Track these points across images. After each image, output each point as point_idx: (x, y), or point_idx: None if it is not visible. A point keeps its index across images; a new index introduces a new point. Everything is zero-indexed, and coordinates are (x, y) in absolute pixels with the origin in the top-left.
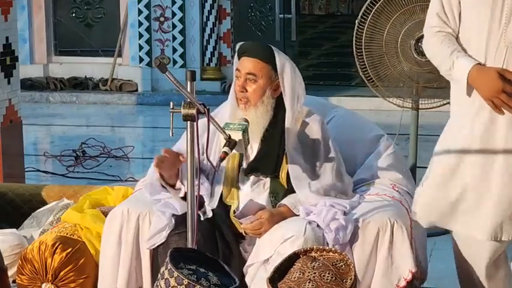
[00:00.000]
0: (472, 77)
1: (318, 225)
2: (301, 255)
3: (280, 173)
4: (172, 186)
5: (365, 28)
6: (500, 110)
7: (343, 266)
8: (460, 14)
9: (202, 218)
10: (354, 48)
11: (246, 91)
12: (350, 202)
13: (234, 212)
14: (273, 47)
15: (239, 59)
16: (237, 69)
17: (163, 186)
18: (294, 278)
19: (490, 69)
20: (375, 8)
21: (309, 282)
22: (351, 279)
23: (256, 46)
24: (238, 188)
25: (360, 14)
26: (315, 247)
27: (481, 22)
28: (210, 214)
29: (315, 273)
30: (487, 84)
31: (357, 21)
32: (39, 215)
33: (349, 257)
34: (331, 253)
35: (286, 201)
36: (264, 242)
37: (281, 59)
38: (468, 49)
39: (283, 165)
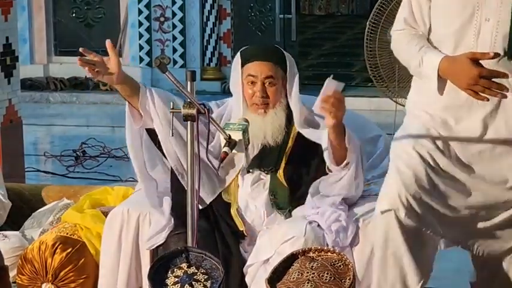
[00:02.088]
0: (443, 69)
1: (318, 225)
2: (299, 256)
3: (279, 170)
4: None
5: (379, 28)
6: (481, 96)
7: (342, 266)
8: (430, 22)
9: (200, 207)
10: (365, 47)
11: (267, 96)
12: (350, 201)
13: (237, 210)
14: (279, 48)
15: (244, 64)
16: (250, 75)
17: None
18: (293, 278)
19: (460, 58)
20: (390, 7)
21: (308, 283)
22: (349, 279)
23: (265, 49)
24: (237, 188)
25: (372, 13)
26: (313, 247)
27: (451, 32)
28: (207, 202)
29: (313, 273)
30: (462, 73)
31: (368, 21)
32: (39, 215)
33: (348, 257)
34: (329, 253)
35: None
36: (264, 243)
37: (290, 60)
38: None
39: (282, 161)
